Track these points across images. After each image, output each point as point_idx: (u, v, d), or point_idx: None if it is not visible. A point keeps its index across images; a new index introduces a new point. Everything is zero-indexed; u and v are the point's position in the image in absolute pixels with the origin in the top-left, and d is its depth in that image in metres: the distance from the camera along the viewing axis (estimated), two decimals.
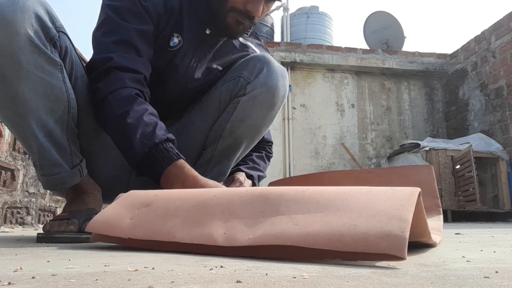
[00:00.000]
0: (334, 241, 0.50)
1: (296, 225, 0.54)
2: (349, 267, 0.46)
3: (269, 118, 1.12)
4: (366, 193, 0.57)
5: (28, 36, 0.79)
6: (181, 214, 0.63)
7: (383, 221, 0.50)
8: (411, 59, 4.68)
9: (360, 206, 0.54)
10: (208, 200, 0.65)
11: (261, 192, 0.63)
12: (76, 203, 0.93)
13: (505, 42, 3.81)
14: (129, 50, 0.96)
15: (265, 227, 0.56)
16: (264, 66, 1.08)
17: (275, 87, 1.07)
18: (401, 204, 0.52)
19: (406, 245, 0.46)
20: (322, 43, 4.90)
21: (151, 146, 0.87)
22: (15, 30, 0.77)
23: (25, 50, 0.79)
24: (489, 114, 4.01)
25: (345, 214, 0.54)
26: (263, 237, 0.54)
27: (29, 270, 0.43)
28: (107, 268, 0.44)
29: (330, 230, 0.51)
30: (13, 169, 1.59)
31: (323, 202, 0.57)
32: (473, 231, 1.51)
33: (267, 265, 0.48)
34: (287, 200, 0.59)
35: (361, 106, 4.61)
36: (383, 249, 0.47)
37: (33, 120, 0.83)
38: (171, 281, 0.37)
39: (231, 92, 1.09)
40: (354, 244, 0.49)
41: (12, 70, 0.79)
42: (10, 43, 0.77)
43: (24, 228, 1.58)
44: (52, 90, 0.85)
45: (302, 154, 4.31)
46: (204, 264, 0.48)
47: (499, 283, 0.37)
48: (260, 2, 0.99)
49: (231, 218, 0.60)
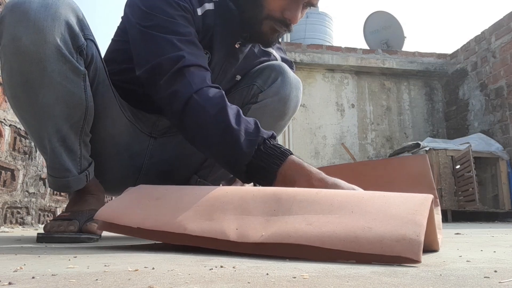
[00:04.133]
0: (349, 242, 0.50)
1: (310, 225, 0.53)
2: (349, 267, 0.46)
3: (278, 127, 1.11)
4: (380, 198, 0.58)
5: (56, 44, 0.80)
6: (193, 208, 0.62)
7: (398, 225, 0.50)
8: (411, 59, 4.68)
9: (374, 209, 0.55)
10: (220, 197, 0.64)
11: (274, 192, 0.63)
12: (79, 203, 0.93)
13: (505, 42, 3.81)
14: (194, 48, 0.88)
15: (278, 225, 0.55)
16: (279, 76, 1.07)
17: (287, 97, 1.07)
18: (415, 209, 0.53)
19: (421, 248, 0.47)
20: (322, 43, 4.90)
21: (260, 143, 0.78)
22: (44, 38, 0.78)
23: (51, 58, 0.80)
24: (489, 114, 4.01)
25: (360, 216, 0.53)
26: (276, 235, 0.53)
27: (29, 270, 0.43)
28: (107, 268, 0.44)
29: (345, 231, 0.51)
30: (13, 169, 1.59)
31: (337, 204, 0.57)
32: (473, 231, 1.51)
33: (267, 265, 0.48)
34: (300, 201, 0.59)
35: (361, 106, 4.61)
36: (398, 251, 0.47)
37: (49, 125, 0.85)
38: (171, 281, 0.37)
39: (244, 99, 1.09)
40: (369, 246, 0.49)
41: (36, 76, 0.80)
42: (37, 50, 0.78)
43: (24, 228, 1.58)
44: (72, 98, 0.85)
45: (302, 154, 4.31)
46: (204, 264, 0.48)
47: (498, 283, 0.37)
48: (298, 8, 0.94)
49: (244, 215, 0.59)
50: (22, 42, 0.77)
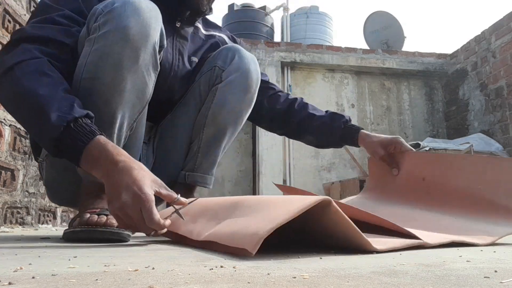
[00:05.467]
0: (226, 237, 0.60)
1: (226, 226, 0.65)
2: (349, 267, 0.46)
3: (247, 101, 1.16)
4: (279, 201, 0.65)
5: (154, 41, 0.91)
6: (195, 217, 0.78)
7: (262, 224, 0.57)
8: (411, 59, 4.67)
9: (264, 212, 0.63)
10: (210, 206, 0.78)
11: (236, 201, 0.75)
12: (104, 201, 0.90)
13: (505, 42, 3.81)
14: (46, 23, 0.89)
15: (215, 227, 0.67)
16: (236, 53, 1.15)
17: (248, 70, 1.14)
18: (288, 210, 0.57)
19: (258, 241, 0.53)
20: (322, 43, 4.89)
21: (70, 121, 0.75)
22: (148, 33, 0.88)
23: (147, 50, 0.89)
24: (489, 114, 4.01)
25: (252, 218, 0.63)
26: (208, 235, 0.66)
27: (29, 270, 0.43)
28: (107, 268, 0.44)
29: (232, 229, 0.62)
30: (13, 169, 1.59)
31: (254, 207, 0.67)
32: None
33: (267, 265, 0.48)
34: (241, 207, 0.70)
35: (361, 106, 4.61)
36: (242, 244, 0.55)
37: (118, 111, 0.88)
38: (171, 281, 0.37)
39: (209, 82, 1.16)
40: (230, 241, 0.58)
41: (129, 63, 0.87)
42: (141, 41, 0.87)
43: (24, 228, 1.58)
44: (144, 90, 0.93)
45: (302, 154, 4.31)
46: (204, 264, 0.48)
47: (499, 283, 0.37)
48: None
49: (211, 220, 0.71)
50: (131, 31, 0.86)
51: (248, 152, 4.58)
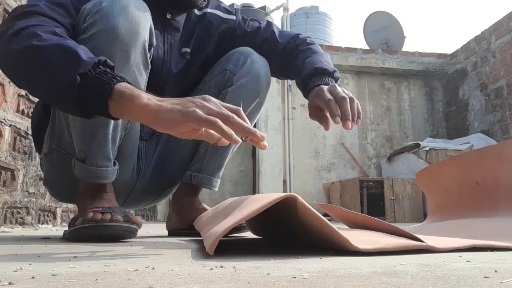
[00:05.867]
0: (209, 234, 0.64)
1: (216, 224, 0.69)
2: (349, 267, 0.46)
3: (257, 105, 1.15)
4: (251, 201, 0.67)
5: (144, 39, 0.90)
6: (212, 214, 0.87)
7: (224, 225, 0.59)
8: (411, 59, 4.67)
9: (235, 212, 0.66)
10: (228, 205, 0.81)
11: (234, 201, 0.78)
12: (106, 199, 0.91)
13: (505, 42, 3.81)
14: (59, 10, 0.85)
15: (219, 225, 0.70)
16: (248, 57, 1.13)
17: (259, 75, 1.13)
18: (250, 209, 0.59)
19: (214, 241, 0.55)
20: (322, 43, 4.89)
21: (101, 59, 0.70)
22: (138, 31, 0.88)
23: (137, 49, 0.89)
24: (489, 114, 4.01)
25: (228, 218, 0.66)
26: (203, 235, 0.71)
27: (29, 270, 0.43)
28: (107, 268, 0.44)
29: (208, 231, 0.67)
30: (13, 169, 1.59)
31: (235, 207, 0.71)
32: None
33: (267, 265, 0.48)
34: (234, 207, 0.73)
35: (361, 106, 4.61)
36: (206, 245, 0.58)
37: None
38: (171, 281, 0.37)
39: (219, 85, 1.14)
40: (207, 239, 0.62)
41: (120, 61, 0.86)
42: (131, 39, 0.87)
43: (24, 228, 1.58)
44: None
45: (302, 154, 4.31)
46: (204, 264, 0.48)
47: (499, 283, 0.37)
48: None
49: (221, 218, 0.74)
50: (120, 30, 0.85)
51: (248, 152, 4.58)
